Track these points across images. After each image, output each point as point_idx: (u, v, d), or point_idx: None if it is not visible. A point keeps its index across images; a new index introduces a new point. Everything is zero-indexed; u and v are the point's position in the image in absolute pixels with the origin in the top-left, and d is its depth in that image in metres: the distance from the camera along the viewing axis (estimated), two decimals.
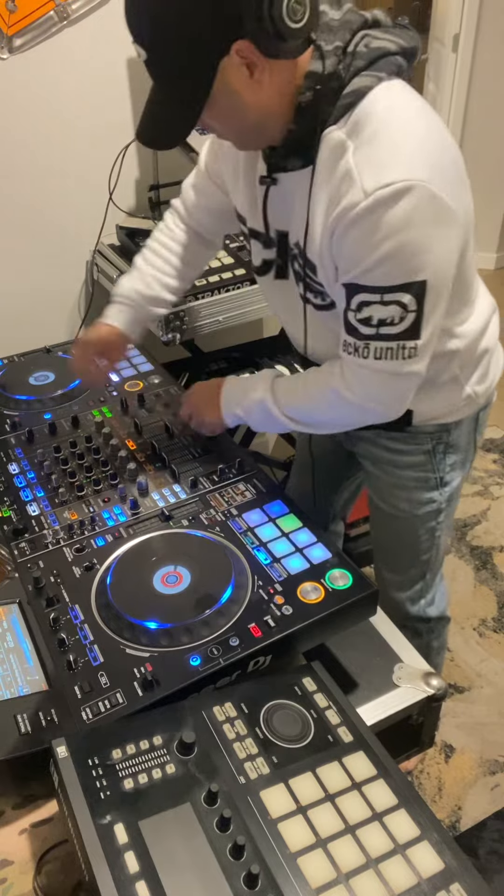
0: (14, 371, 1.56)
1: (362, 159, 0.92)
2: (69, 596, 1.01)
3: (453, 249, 0.99)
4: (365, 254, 0.95)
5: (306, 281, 1.10)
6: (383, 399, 1.09)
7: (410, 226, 0.92)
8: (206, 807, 0.73)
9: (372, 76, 0.94)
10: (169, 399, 1.45)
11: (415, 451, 1.29)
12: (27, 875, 0.81)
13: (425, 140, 0.95)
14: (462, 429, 1.29)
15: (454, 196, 0.95)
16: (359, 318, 1.00)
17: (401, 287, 0.96)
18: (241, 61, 0.90)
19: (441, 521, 1.37)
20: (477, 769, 1.78)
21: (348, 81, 0.93)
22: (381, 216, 0.91)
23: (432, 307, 0.99)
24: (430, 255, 0.94)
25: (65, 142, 2.05)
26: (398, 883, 0.69)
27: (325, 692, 0.87)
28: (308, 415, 1.16)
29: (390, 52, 0.95)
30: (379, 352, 1.01)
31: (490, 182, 3.88)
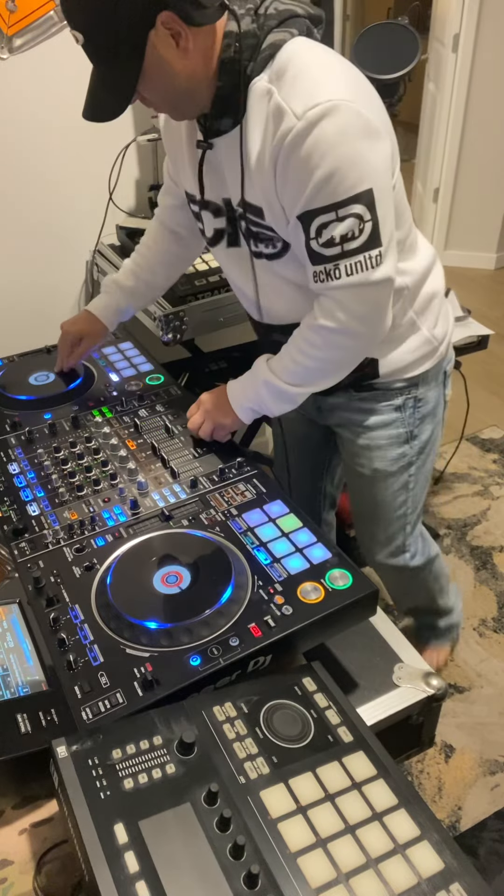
0: (14, 371, 1.56)
1: (289, 94, 1.00)
2: (69, 596, 1.01)
3: (386, 157, 1.06)
4: (309, 175, 1.01)
5: (254, 231, 1.15)
6: (364, 314, 1.13)
7: (344, 139, 0.99)
8: (206, 807, 0.73)
9: (285, 31, 1.03)
10: (169, 399, 1.45)
11: (386, 408, 1.35)
12: (27, 875, 0.81)
13: (343, 71, 1.04)
14: (429, 382, 1.36)
15: (377, 116, 1.04)
16: (321, 242, 1.06)
17: (351, 199, 1.02)
18: (166, 32, 0.98)
19: (413, 474, 1.42)
20: (477, 769, 1.78)
21: (264, 38, 1.02)
22: (316, 135, 0.98)
23: (385, 212, 1.06)
24: (368, 164, 1.02)
25: (65, 142, 2.05)
26: (398, 883, 0.69)
27: (325, 692, 0.87)
28: (307, 371, 1.19)
29: (298, 14, 1.05)
30: (349, 268, 1.07)
31: (490, 182, 3.88)
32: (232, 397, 1.27)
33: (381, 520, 1.48)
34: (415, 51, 1.90)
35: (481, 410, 2.95)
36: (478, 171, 3.92)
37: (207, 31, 1.01)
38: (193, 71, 1.03)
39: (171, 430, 1.33)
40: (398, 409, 1.35)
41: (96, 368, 1.56)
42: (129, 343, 1.66)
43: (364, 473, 1.43)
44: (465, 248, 4.10)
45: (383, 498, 1.44)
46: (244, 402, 1.25)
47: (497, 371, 3.20)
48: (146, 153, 2.16)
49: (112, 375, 1.54)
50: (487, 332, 2.25)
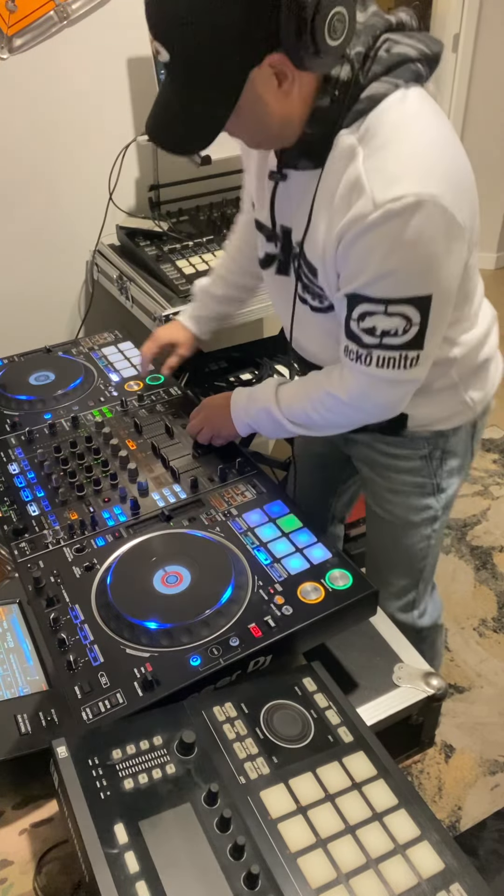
0: (14, 371, 1.55)
1: (372, 168, 0.91)
2: (69, 596, 1.01)
3: (459, 263, 0.99)
4: (371, 265, 0.94)
5: (304, 282, 1.11)
6: (380, 403, 1.10)
7: (419, 242, 0.90)
8: (206, 807, 0.73)
9: (389, 83, 0.92)
10: (169, 399, 1.45)
11: (411, 455, 1.28)
12: (27, 875, 0.81)
13: (437, 152, 0.94)
14: (459, 436, 1.28)
15: (463, 210, 0.94)
16: (362, 327, 1.00)
17: (406, 300, 0.95)
18: (271, 72, 0.88)
19: (437, 529, 1.37)
20: (477, 769, 1.78)
21: (365, 87, 0.92)
22: (390, 230, 0.90)
23: (437, 320, 0.98)
24: (436, 270, 0.94)
25: (65, 142, 2.05)
26: (398, 883, 0.69)
27: (325, 692, 0.87)
28: (308, 418, 1.16)
29: (410, 59, 0.93)
30: (381, 361, 1.01)
31: (490, 182, 3.88)
32: (234, 409, 1.25)
33: (396, 570, 1.42)
34: None
35: None
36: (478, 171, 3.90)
37: (310, 78, 0.91)
38: (289, 114, 0.94)
39: (172, 431, 1.33)
40: (424, 459, 1.28)
41: (96, 368, 1.56)
42: (129, 343, 1.66)
43: (385, 518, 1.37)
44: None
45: (402, 547, 1.38)
46: (244, 417, 1.24)
47: None
48: (146, 153, 2.16)
49: (112, 375, 1.54)
50: None
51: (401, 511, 1.34)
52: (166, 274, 1.90)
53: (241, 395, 1.26)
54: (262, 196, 1.14)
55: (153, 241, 2.03)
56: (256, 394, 1.23)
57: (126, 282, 1.98)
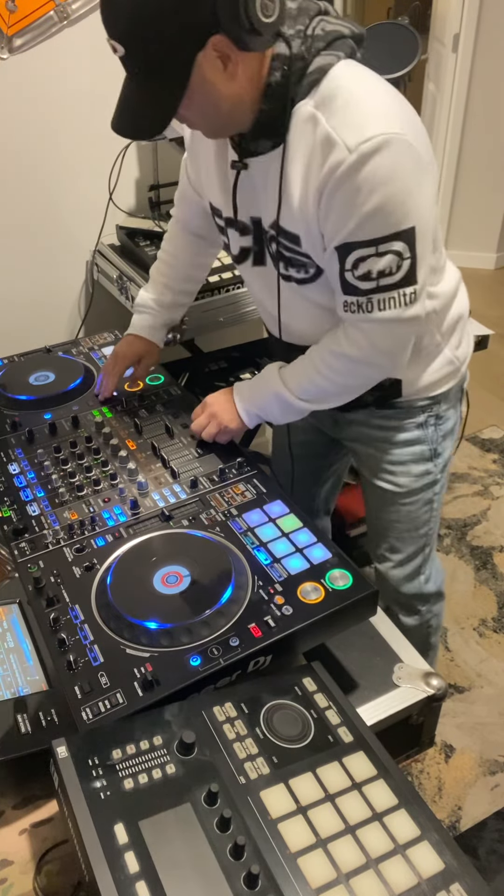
0: (14, 371, 1.55)
1: (338, 123, 0.97)
2: (69, 596, 1.01)
3: (431, 194, 1.05)
4: (355, 209, 0.99)
5: (286, 256, 1.13)
6: (389, 348, 1.13)
7: (395, 176, 0.97)
8: (206, 807, 0.73)
9: (332, 55, 1.00)
10: (169, 399, 1.45)
11: (408, 425, 1.33)
12: (27, 875, 0.81)
13: (391, 100, 1.01)
14: (449, 399, 1.34)
15: (424, 148, 1.01)
16: (357, 275, 1.04)
17: (393, 236, 1.00)
18: (215, 55, 0.94)
19: (437, 493, 1.41)
20: (477, 769, 1.78)
21: (311, 61, 0.99)
22: (368, 170, 0.96)
23: (423, 251, 1.04)
24: (414, 202, 1.00)
25: (65, 142, 2.05)
26: (398, 883, 0.69)
27: (325, 692, 0.87)
28: (321, 390, 1.19)
29: (344, 35, 1.02)
30: (382, 303, 1.06)
31: (490, 182, 3.88)
32: (239, 401, 1.26)
33: (402, 537, 1.45)
34: (415, 51, 1.90)
35: (481, 410, 2.95)
36: (478, 171, 3.92)
37: (255, 56, 0.98)
38: (238, 94, 1.00)
39: (172, 430, 1.33)
40: (420, 427, 1.33)
41: (96, 368, 1.56)
42: None
43: (387, 489, 1.40)
44: (465, 248, 4.09)
45: (407, 516, 1.42)
46: (251, 407, 1.25)
47: (497, 371, 3.20)
48: (146, 153, 2.16)
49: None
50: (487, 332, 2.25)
51: (403, 480, 1.38)
52: None
53: (245, 387, 1.28)
54: (223, 192, 1.18)
55: (153, 241, 2.03)
56: (260, 382, 1.25)
57: (126, 282, 1.98)
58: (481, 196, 3.96)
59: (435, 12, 3.86)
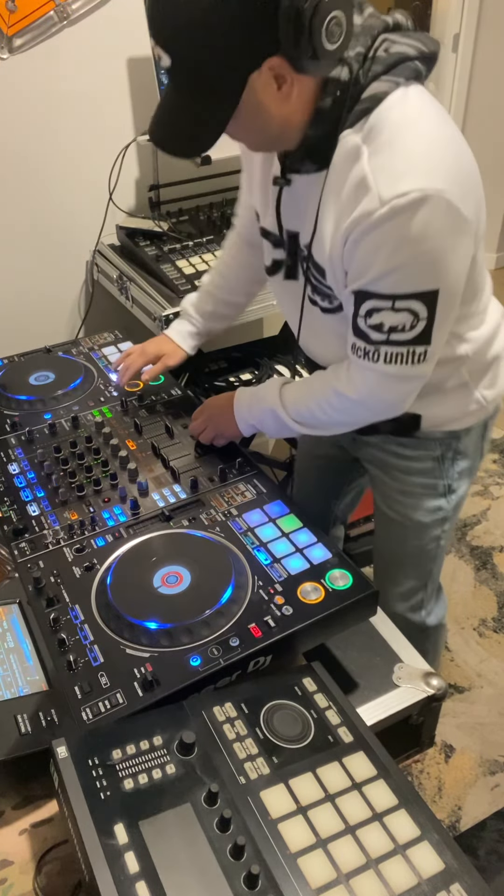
0: (14, 371, 1.55)
1: (377, 166, 0.91)
2: (69, 596, 1.01)
3: (466, 258, 0.99)
4: (377, 262, 0.94)
5: (313, 283, 1.10)
6: (387, 399, 1.10)
7: (426, 237, 0.91)
8: (206, 807, 0.73)
9: (390, 81, 0.93)
10: (169, 399, 1.45)
11: (424, 457, 1.28)
12: (27, 875, 0.81)
13: (441, 148, 0.94)
14: (471, 436, 1.28)
15: (469, 204, 0.94)
16: (369, 324, 1.00)
17: (413, 296, 0.95)
18: (270, 75, 0.89)
19: (446, 530, 1.36)
20: (477, 769, 1.78)
21: (366, 86, 0.92)
22: (397, 226, 0.90)
23: (444, 315, 0.98)
24: (443, 264, 0.94)
25: (65, 142, 2.05)
26: (398, 883, 0.69)
27: (325, 692, 0.87)
28: (315, 418, 1.16)
29: (409, 58, 0.94)
30: (389, 357, 1.02)
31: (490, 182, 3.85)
32: (237, 409, 1.25)
33: (405, 570, 1.42)
34: None
35: None
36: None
37: (309, 81, 0.92)
38: (290, 117, 0.94)
39: (172, 431, 1.33)
40: (437, 460, 1.28)
41: (96, 368, 1.56)
42: (129, 343, 1.66)
43: (396, 520, 1.36)
44: None
45: (412, 549, 1.37)
46: (248, 417, 1.24)
47: None
48: (146, 153, 2.16)
49: (112, 375, 1.54)
50: None
51: (411, 512, 1.33)
52: (166, 274, 1.90)
53: (245, 396, 1.25)
54: (266, 203, 1.14)
55: (153, 241, 2.03)
56: (260, 394, 1.22)
57: (126, 282, 1.98)
58: None
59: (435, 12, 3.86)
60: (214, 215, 2.12)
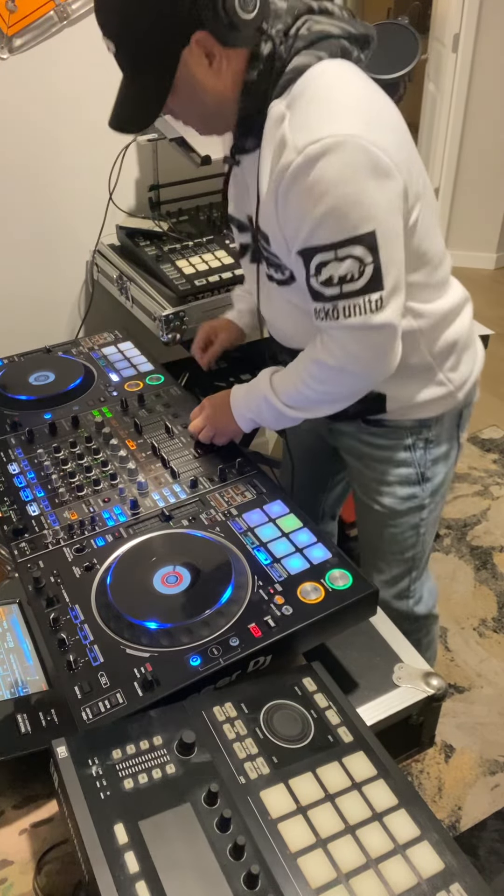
0: (14, 371, 1.55)
1: (295, 124, 0.97)
2: (69, 596, 1.01)
3: (395, 200, 1.01)
4: (307, 212, 0.98)
5: (265, 255, 1.14)
6: (363, 356, 1.09)
7: (345, 179, 0.95)
8: (206, 807, 0.73)
9: (311, 55, 0.99)
10: (169, 399, 1.45)
11: (395, 445, 1.31)
12: (27, 875, 0.81)
13: (358, 100, 0.99)
14: (443, 425, 1.31)
15: (391, 151, 0.97)
16: (320, 280, 1.03)
17: (352, 240, 0.98)
18: (200, 51, 0.98)
19: (425, 518, 1.38)
20: (477, 769, 1.79)
21: (289, 60, 0.99)
22: (315, 172, 0.94)
23: (388, 256, 1.00)
24: (372, 206, 0.97)
25: (65, 142, 2.05)
26: (398, 883, 0.69)
27: (325, 692, 0.87)
28: (303, 398, 1.17)
29: (332, 35, 1.00)
30: (347, 309, 1.03)
31: (490, 182, 3.88)
32: (234, 404, 1.26)
33: (387, 558, 1.44)
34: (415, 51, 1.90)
35: (481, 410, 2.94)
36: (478, 171, 3.92)
37: (241, 53, 1.00)
38: (223, 91, 1.02)
39: (172, 430, 1.33)
40: (408, 449, 1.31)
41: (96, 368, 1.56)
42: (129, 343, 1.66)
43: (373, 508, 1.38)
44: (465, 248, 4.09)
45: (391, 537, 1.40)
46: (245, 411, 1.25)
47: (497, 371, 3.19)
48: (146, 153, 2.16)
49: (112, 375, 1.54)
50: (487, 332, 2.25)
51: (388, 500, 1.36)
52: (166, 274, 1.90)
53: (240, 390, 1.27)
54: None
55: (153, 241, 2.03)
56: (253, 385, 1.24)
57: (126, 282, 1.98)
58: (481, 196, 3.96)
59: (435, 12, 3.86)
60: (214, 215, 2.13)
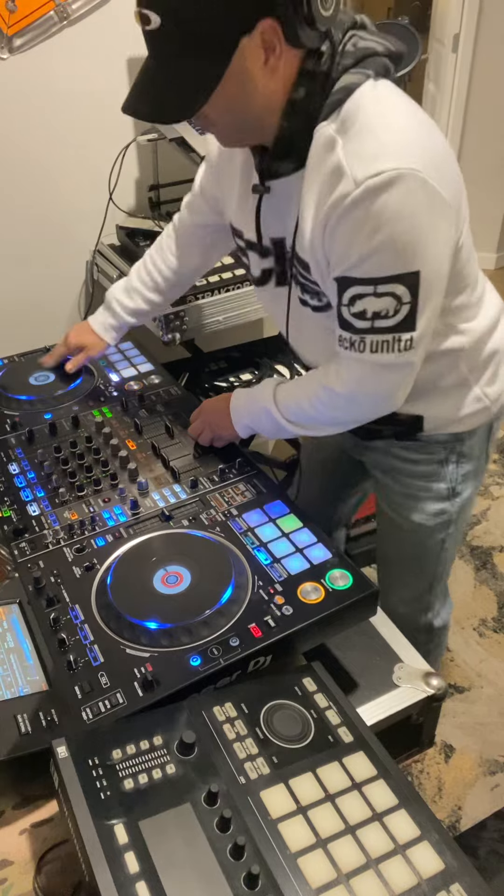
0: (14, 371, 1.56)
1: (351, 152, 0.92)
2: (69, 596, 1.01)
3: (447, 239, 0.99)
4: (357, 245, 0.94)
5: (301, 283, 1.10)
6: (375, 392, 1.08)
7: (402, 215, 0.91)
8: (206, 807, 0.73)
9: (360, 73, 0.94)
10: (169, 399, 1.45)
11: (427, 460, 1.27)
12: (27, 875, 0.81)
13: (414, 131, 0.95)
14: (476, 438, 1.27)
15: (446, 187, 0.94)
16: (352, 312, 1.00)
17: (394, 278, 0.95)
18: (260, 43, 0.89)
19: (451, 533, 1.35)
20: (477, 769, 1.78)
21: (337, 79, 0.94)
22: (373, 205, 0.91)
23: (427, 298, 0.98)
24: (422, 245, 0.94)
25: (65, 142, 2.05)
26: (398, 883, 0.69)
27: (326, 692, 0.87)
28: (307, 417, 1.16)
29: (377, 53, 0.96)
30: (375, 345, 1.01)
31: (490, 182, 3.88)
32: (234, 410, 1.24)
33: (411, 573, 1.41)
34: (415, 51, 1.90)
35: None
36: (478, 171, 3.91)
37: (295, 59, 0.92)
38: (271, 97, 0.94)
39: (172, 431, 1.33)
40: (441, 463, 1.27)
41: (96, 368, 1.56)
42: (129, 343, 1.66)
43: (400, 524, 1.35)
44: None
45: (417, 553, 1.37)
46: (244, 419, 1.23)
47: None
48: (146, 153, 2.16)
49: (112, 375, 1.54)
50: None
51: (416, 516, 1.32)
52: None
53: (241, 397, 1.25)
54: (245, 214, 1.14)
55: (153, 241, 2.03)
56: (255, 394, 1.22)
57: None
58: (481, 196, 3.95)
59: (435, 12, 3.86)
60: None
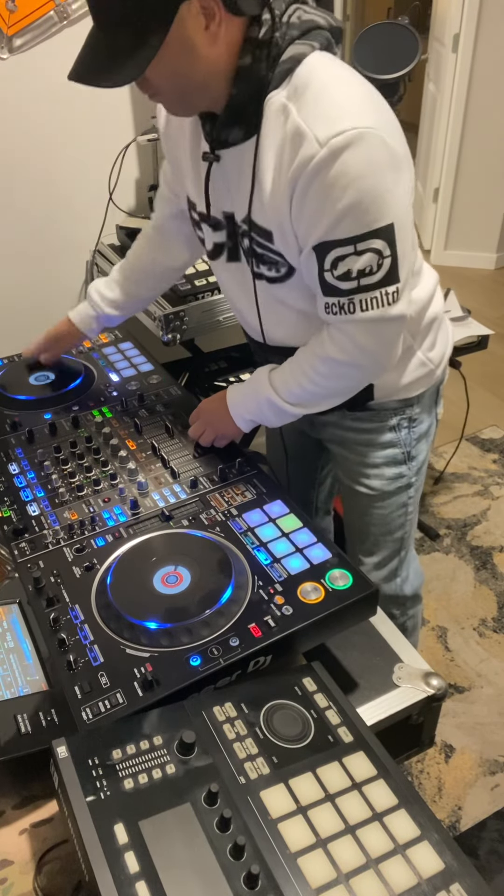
0: (14, 371, 1.56)
1: (310, 115, 0.94)
2: (69, 596, 1.01)
3: (409, 190, 1.02)
4: (328, 208, 0.96)
5: (258, 253, 1.11)
6: (375, 349, 1.10)
7: (369, 171, 0.94)
8: (206, 807, 0.73)
9: (306, 44, 0.97)
10: (169, 399, 1.45)
11: (381, 427, 1.32)
12: (27, 875, 0.81)
13: (365, 94, 0.98)
14: (423, 402, 1.33)
15: (399, 145, 0.98)
16: (336, 275, 1.02)
17: (372, 234, 0.98)
18: (199, 10, 0.91)
19: (412, 496, 1.40)
20: (477, 769, 1.79)
21: (284, 49, 0.96)
22: (339, 166, 0.93)
23: (404, 248, 1.01)
24: (391, 198, 0.97)
25: (65, 142, 2.05)
26: (398, 883, 0.69)
27: (325, 692, 0.87)
28: (310, 394, 1.17)
29: (321, 27, 0.99)
30: (364, 303, 1.04)
31: (490, 182, 3.88)
32: (232, 406, 1.25)
33: (377, 541, 1.45)
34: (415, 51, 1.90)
35: (481, 410, 2.95)
36: (478, 171, 3.92)
37: (236, 26, 0.94)
38: (215, 63, 0.96)
39: (172, 430, 1.33)
40: (393, 430, 1.32)
41: (96, 368, 1.56)
42: (129, 343, 1.66)
43: (361, 492, 1.39)
44: (465, 248, 4.09)
45: (381, 519, 1.41)
46: (244, 413, 1.24)
47: (497, 371, 3.20)
48: (146, 153, 2.16)
49: (112, 375, 1.54)
50: (487, 332, 2.26)
51: (376, 483, 1.37)
52: None
53: (237, 391, 1.26)
54: (198, 186, 1.15)
55: None
56: (251, 386, 1.23)
57: None
58: (481, 196, 3.96)
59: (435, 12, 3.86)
60: None
